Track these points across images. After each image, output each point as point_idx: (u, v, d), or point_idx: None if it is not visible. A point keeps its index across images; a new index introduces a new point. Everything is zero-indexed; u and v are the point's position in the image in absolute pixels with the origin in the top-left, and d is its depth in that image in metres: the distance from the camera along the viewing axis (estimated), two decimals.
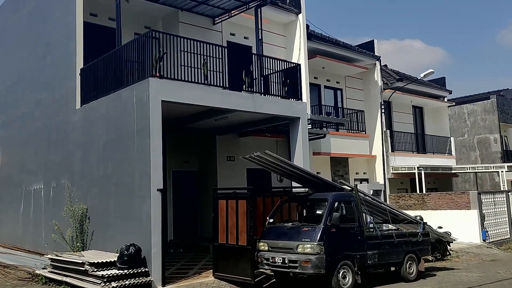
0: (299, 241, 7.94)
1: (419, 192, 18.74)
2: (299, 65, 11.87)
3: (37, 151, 12.87)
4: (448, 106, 24.60)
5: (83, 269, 8.01)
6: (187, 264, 10.74)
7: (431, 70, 15.23)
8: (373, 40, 20.21)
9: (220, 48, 10.62)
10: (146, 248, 8.39)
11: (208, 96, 9.59)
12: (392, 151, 19.56)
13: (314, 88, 18.28)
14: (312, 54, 16.70)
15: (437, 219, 15.96)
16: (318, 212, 8.39)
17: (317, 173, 17.73)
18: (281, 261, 8.04)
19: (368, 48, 19.87)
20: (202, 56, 10.01)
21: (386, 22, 74.29)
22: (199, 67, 9.92)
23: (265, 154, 8.12)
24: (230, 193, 9.23)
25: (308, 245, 7.80)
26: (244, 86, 10.70)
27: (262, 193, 9.52)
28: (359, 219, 8.62)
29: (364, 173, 19.53)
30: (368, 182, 18.90)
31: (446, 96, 23.69)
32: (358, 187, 9.09)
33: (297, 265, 7.83)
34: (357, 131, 18.51)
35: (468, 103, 28.22)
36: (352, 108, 18.98)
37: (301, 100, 11.72)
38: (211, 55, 10.21)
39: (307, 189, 9.77)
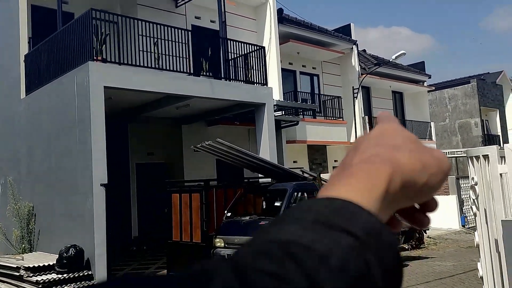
0: None
1: None
2: (263, 47, 11.14)
3: None
4: (428, 91, 24.12)
5: (18, 274, 7.27)
6: (146, 263, 10.07)
7: (402, 51, 14.61)
8: (350, 24, 19.56)
9: (181, 31, 9.86)
10: (89, 250, 7.68)
11: (159, 81, 8.82)
12: None
13: (289, 74, 17.59)
14: (285, 38, 15.96)
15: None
16: (277, 204, 7.74)
17: (294, 162, 17.20)
18: None
19: (345, 32, 19.20)
20: (160, 40, 9.27)
21: (372, 9, 73.64)
22: (152, 51, 9.15)
23: (217, 143, 7.41)
24: (184, 186, 8.53)
25: None
26: (202, 71, 9.94)
27: (224, 184, 8.87)
28: None
29: None
30: None
31: (425, 81, 23.18)
32: (321, 175, 8.45)
33: None
34: (334, 118, 17.89)
35: (449, 87, 27.80)
36: (329, 94, 18.35)
37: (267, 85, 11.01)
38: (172, 39, 9.47)
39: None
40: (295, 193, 7.72)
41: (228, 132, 13.81)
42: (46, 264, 7.43)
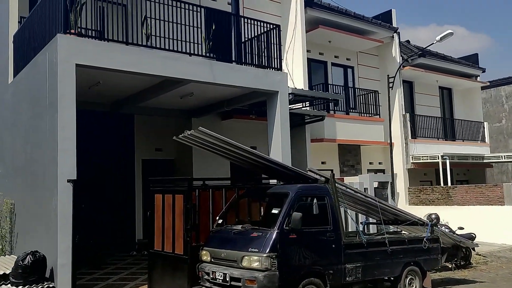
0: (245, 252, 5.75)
1: (444, 184, 16.05)
2: (278, 26, 9.56)
3: None
4: (482, 88, 21.48)
5: None
6: (137, 272, 8.78)
7: (449, 31, 12.49)
8: (391, 10, 17.51)
9: (192, 11, 8.55)
10: (53, 257, 6.45)
11: (146, 61, 7.49)
12: (412, 137, 16.92)
13: (320, 65, 15.92)
14: (314, 24, 14.32)
15: (464, 216, 13.40)
16: (275, 211, 6.18)
17: (322, 163, 15.47)
18: (222, 278, 5.90)
19: (385, 19, 17.20)
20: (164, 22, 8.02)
21: (422, 6, 69.29)
22: (145, 31, 7.85)
23: (200, 132, 5.98)
24: (169, 185, 7.15)
25: (255, 258, 5.61)
26: (206, 51, 8.51)
27: (222, 185, 7.41)
28: (334, 221, 6.30)
29: (379, 163, 17.00)
30: (384, 173, 16.40)
31: (478, 75, 20.59)
32: (335, 177, 6.76)
33: (240, 284, 5.67)
34: (370, 115, 15.99)
35: (507, 85, 24.84)
36: (365, 88, 16.46)
37: (281, 70, 9.43)
38: (180, 21, 8.22)
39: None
40: (299, 199, 6.10)
41: (245, 127, 12.37)
42: (2, 273, 6.28)
